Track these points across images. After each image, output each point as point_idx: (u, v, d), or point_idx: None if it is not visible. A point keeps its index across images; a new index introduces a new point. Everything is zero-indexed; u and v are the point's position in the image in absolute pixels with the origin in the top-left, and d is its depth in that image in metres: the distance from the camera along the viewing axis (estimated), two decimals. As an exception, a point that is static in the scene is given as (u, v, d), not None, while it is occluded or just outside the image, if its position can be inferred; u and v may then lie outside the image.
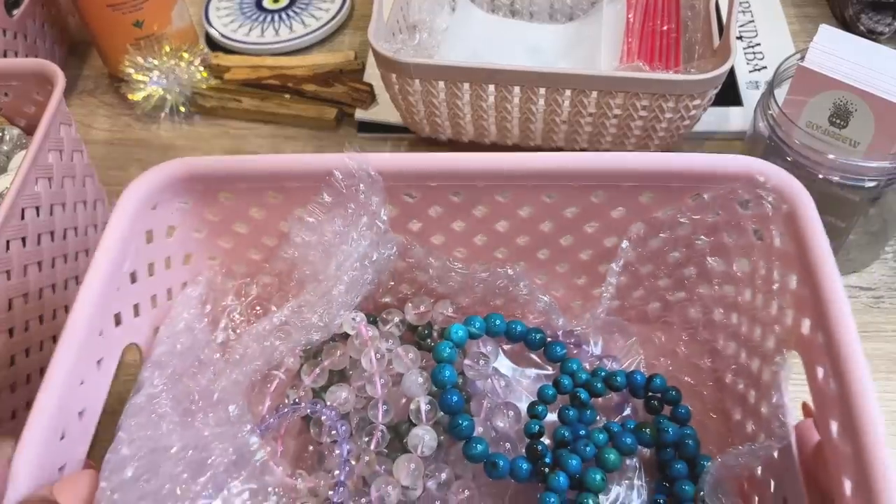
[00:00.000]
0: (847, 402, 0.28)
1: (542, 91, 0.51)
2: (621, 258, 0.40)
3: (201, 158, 0.38)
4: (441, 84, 0.51)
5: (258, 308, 0.41)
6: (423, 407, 0.38)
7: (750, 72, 0.63)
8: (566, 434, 0.39)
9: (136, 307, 0.37)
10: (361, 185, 0.36)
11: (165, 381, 0.35)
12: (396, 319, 0.43)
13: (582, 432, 0.39)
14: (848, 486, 0.28)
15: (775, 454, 0.34)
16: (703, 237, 0.40)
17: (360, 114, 0.61)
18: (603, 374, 0.42)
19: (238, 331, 0.41)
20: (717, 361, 0.43)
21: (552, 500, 0.35)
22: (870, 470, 0.26)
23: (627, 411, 0.43)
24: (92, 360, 0.33)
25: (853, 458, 0.27)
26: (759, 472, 0.37)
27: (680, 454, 0.40)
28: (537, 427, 0.39)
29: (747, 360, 0.39)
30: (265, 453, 0.36)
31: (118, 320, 0.35)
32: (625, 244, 0.40)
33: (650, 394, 0.42)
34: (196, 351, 0.38)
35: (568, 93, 0.50)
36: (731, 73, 0.61)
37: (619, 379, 0.41)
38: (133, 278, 0.36)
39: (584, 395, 0.40)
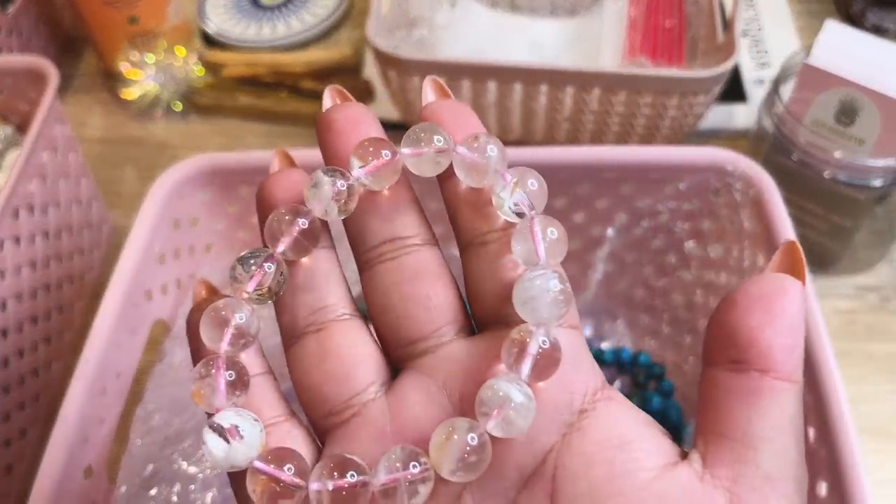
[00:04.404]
0: (809, 358, 0.32)
1: (544, 88, 0.50)
2: (607, 245, 0.43)
3: (223, 154, 0.41)
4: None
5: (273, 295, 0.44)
6: None
7: (755, 68, 0.62)
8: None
9: (163, 286, 0.41)
10: None
11: (185, 349, 0.39)
12: None
13: None
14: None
15: None
16: (680, 224, 0.42)
17: (358, 111, 0.61)
18: (592, 351, 0.44)
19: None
20: (697, 339, 0.44)
21: None
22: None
23: (617, 385, 0.45)
24: (127, 328, 0.37)
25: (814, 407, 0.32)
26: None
27: (664, 423, 0.41)
28: None
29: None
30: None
31: (149, 296, 0.39)
32: (610, 232, 0.42)
33: (636, 369, 0.45)
34: None
35: (570, 89, 0.50)
36: (736, 69, 0.61)
37: (607, 356, 0.44)
38: (162, 260, 0.40)
39: None
